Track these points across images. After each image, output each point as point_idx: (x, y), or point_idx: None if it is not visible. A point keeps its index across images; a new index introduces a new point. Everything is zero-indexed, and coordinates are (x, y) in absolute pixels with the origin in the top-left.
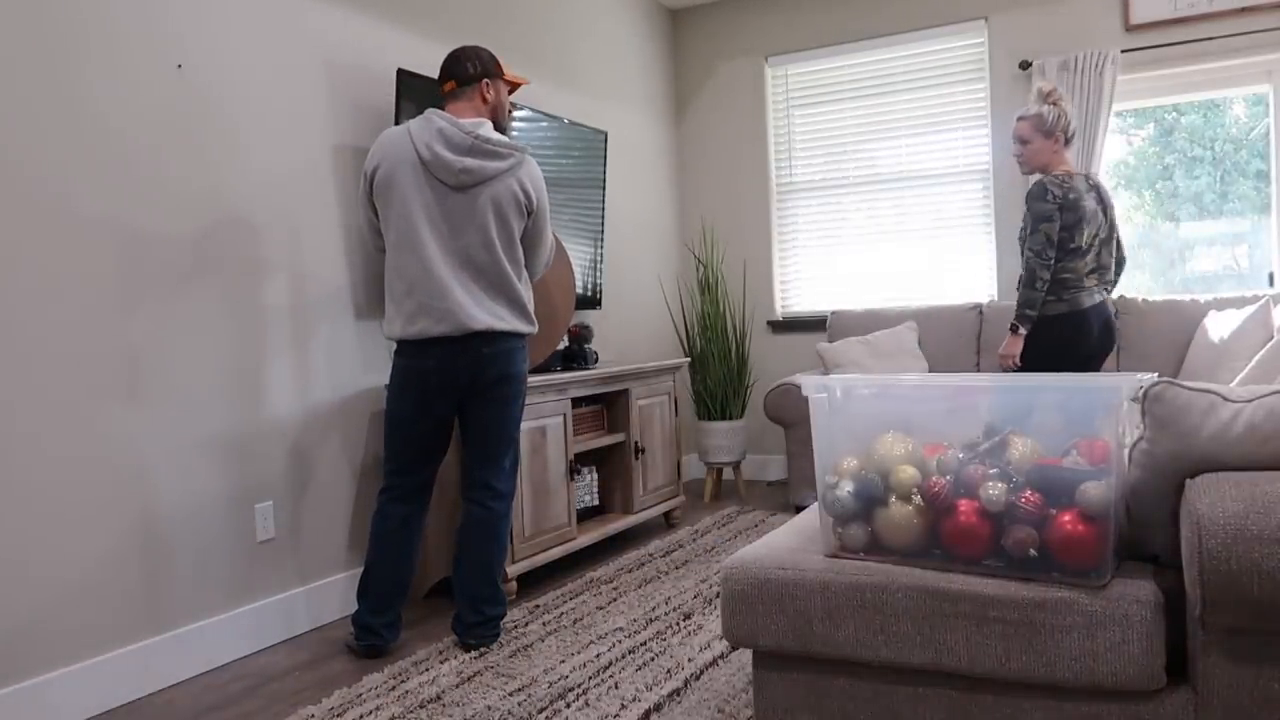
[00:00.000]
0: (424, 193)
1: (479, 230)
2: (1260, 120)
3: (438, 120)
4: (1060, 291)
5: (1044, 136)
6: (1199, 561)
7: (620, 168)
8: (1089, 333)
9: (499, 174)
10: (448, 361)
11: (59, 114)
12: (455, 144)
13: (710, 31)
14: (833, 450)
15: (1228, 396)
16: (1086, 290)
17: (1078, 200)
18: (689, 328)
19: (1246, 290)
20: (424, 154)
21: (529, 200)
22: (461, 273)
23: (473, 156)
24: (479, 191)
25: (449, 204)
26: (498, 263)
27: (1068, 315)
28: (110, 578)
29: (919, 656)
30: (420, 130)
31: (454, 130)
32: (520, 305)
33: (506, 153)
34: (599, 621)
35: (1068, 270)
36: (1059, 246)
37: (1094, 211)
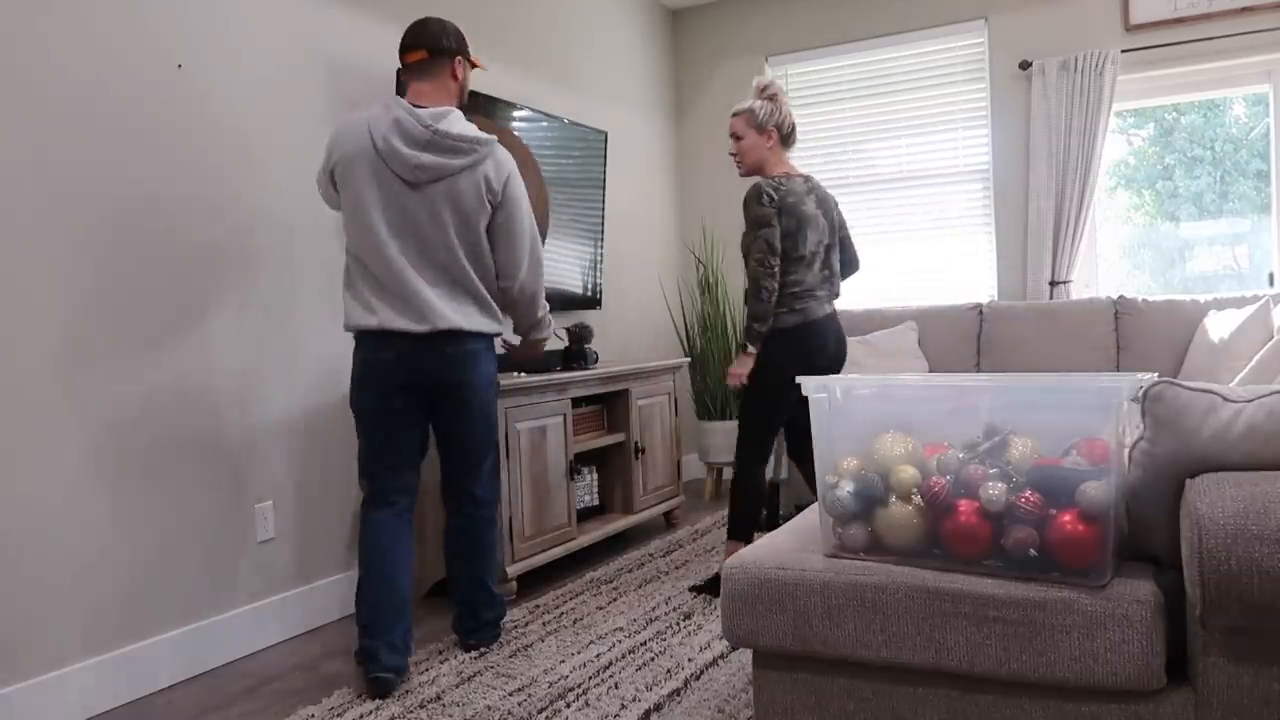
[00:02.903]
0: (381, 188)
1: (438, 230)
2: (1260, 120)
3: (396, 110)
4: (792, 303)
5: (756, 132)
6: (1199, 561)
7: (620, 168)
8: (825, 345)
9: (459, 171)
10: (409, 357)
11: (59, 114)
12: (412, 137)
13: (710, 31)
14: (833, 450)
15: (1228, 396)
16: (817, 300)
17: (796, 204)
18: (689, 328)
19: (1246, 290)
20: (380, 146)
21: (492, 193)
22: (423, 270)
23: (430, 152)
24: (437, 189)
25: (406, 201)
26: (458, 262)
27: (802, 327)
28: (110, 577)
29: (919, 656)
30: (378, 120)
31: (411, 122)
32: (487, 304)
33: (469, 147)
34: (599, 621)
35: (797, 280)
36: (784, 256)
37: (814, 216)
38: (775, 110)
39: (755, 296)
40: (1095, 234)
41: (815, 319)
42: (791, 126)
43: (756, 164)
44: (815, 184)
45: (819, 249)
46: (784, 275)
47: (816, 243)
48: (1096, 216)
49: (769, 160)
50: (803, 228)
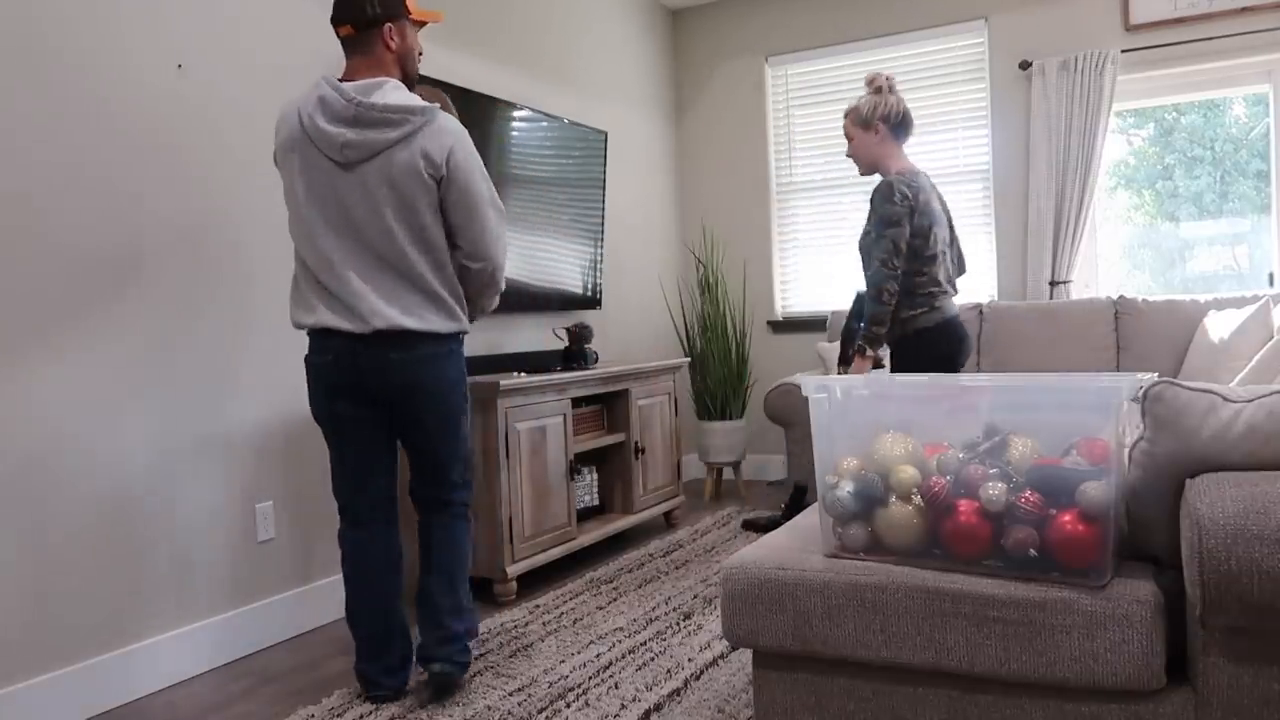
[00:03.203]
0: (310, 172)
1: (374, 215)
2: (1260, 120)
3: (322, 86)
4: (930, 301)
5: (862, 129)
6: (1199, 561)
7: (620, 168)
8: (965, 341)
9: (390, 145)
10: (347, 359)
11: (59, 114)
12: (335, 112)
13: (710, 31)
14: (833, 450)
15: (1228, 396)
16: (949, 296)
17: (927, 202)
18: (689, 328)
19: (1246, 290)
20: (307, 126)
21: (433, 167)
22: (363, 263)
23: (355, 128)
24: (369, 168)
25: (338, 184)
26: (400, 251)
27: (943, 326)
28: (110, 578)
29: (919, 656)
30: (305, 99)
31: (334, 97)
32: (440, 300)
33: (400, 118)
34: (599, 621)
35: (931, 279)
36: (915, 254)
37: (939, 213)
38: (879, 103)
39: (876, 299)
40: (1095, 234)
41: (952, 316)
42: (900, 115)
43: (871, 161)
44: (933, 182)
45: (942, 246)
46: (917, 275)
47: (943, 240)
48: (1096, 216)
49: (883, 155)
50: (933, 225)
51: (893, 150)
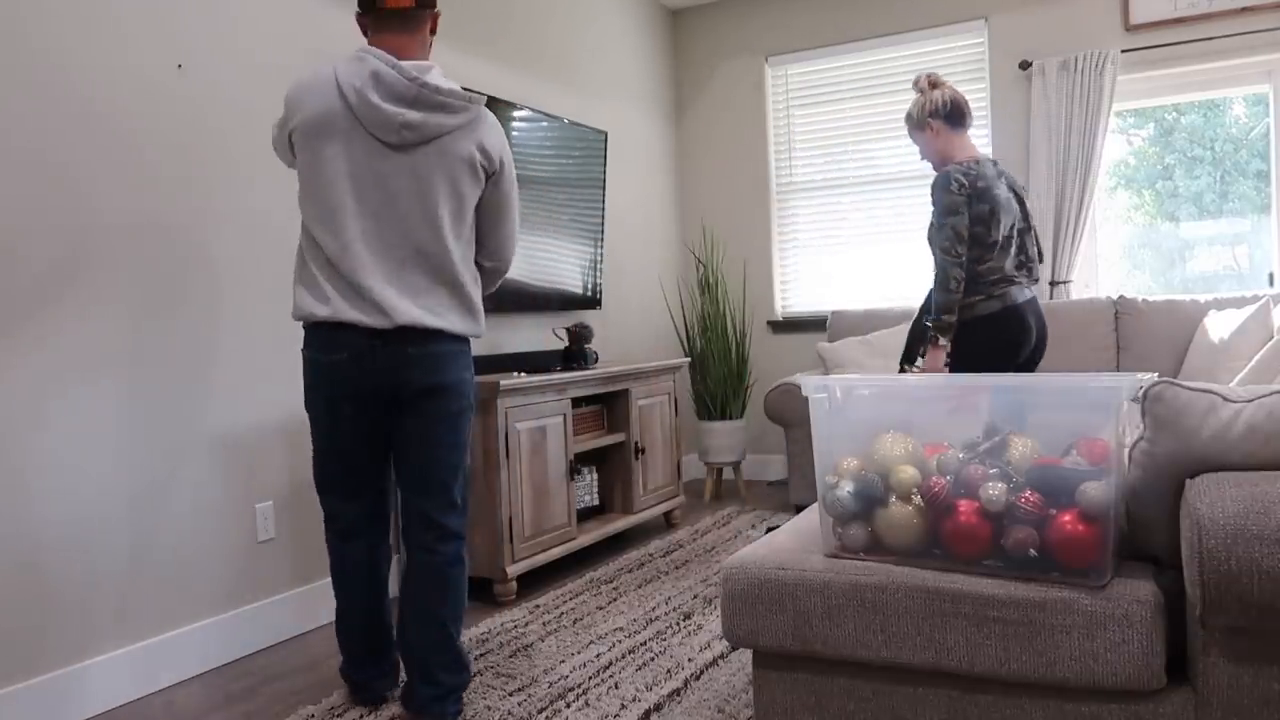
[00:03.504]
0: (353, 152)
1: (421, 201)
2: (1260, 120)
3: (373, 61)
4: (990, 289)
5: (917, 130)
6: (1199, 561)
7: (620, 168)
8: (1028, 331)
9: (451, 131)
10: (365, 357)
11: (59, 113)
12: (396, 92)
13: (710, 31)
14: (833, 450)
15: (1228, 397)
16: (1017, 285)
17: (988, 188)
18: (689, 328)
19: (1246, 290)
20: (354, 102)
21: (489, 162)
22: (392, 254)
23: (418, 109)
24: (424, 152)
25: (384, 167)
26: (442, 243)
27: (1003, 313)
28: (110, 577)
29: (919, 656)
30: (350, 73)
31: (393, 74)
32: (465, 298)
33: (460, 105)
34: (599, 621)
35: (994, 267)
36: (977, 241)
37: (1008, 200)
38: (925, 102)
39: (943, 287)
40: (1095, 234)
41: (1017, 303)
42: (949, 104)
43: (939, 158)
44: (1004, 169)
45: (1013, 234)
46: (979, 263)
47: (1010, 227)
48: (1096, 216)
49: (947, 149)
50: (996, 212)
51: (955, 142)
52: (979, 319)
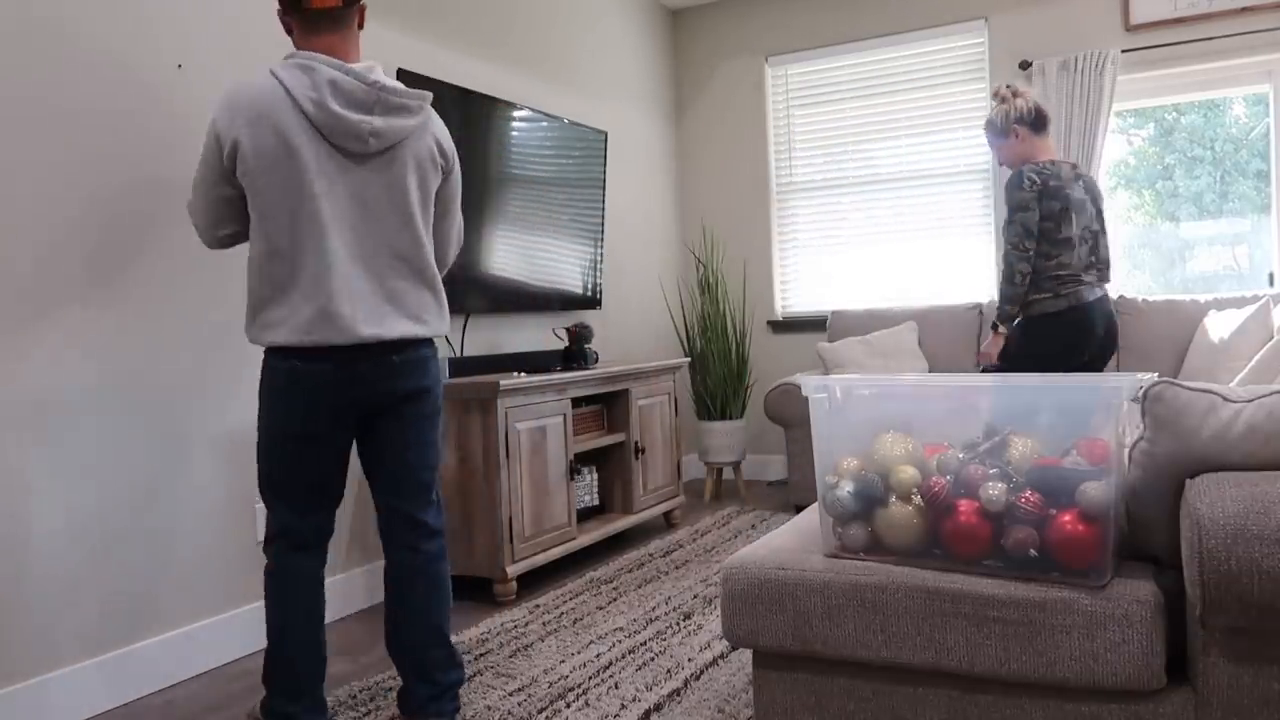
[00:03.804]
0: (320, 165)
1: (396, 207)
2: (1260, 120)
3: (324, 69)
4: (1057, 287)
5: (1001, 136)
6: (1199, 561)
7: (620, 168)
8: (1092, 331)
9: (411, 133)
10: (347, 366)
11: (58, 113)
12: (357, 99)
13: (710, 31)
14: (833, 450)
15: (1228, 397)
16: (1087, 285)
17: (1060, 187)
18: (689, 328)
19: (1246, 290)
20: (313, 113)
21: (445, 159)
22: (374, 265)
23: (379, 114)
24: (391, 157)
25: (354, 177)
26: (420, 245)
27: (1069, 312)
28: (110, 577)
29: (919, 656)
30: (300, 82)
31: (351, 82)
32: (441, 297)
33: (417, 105)
34: (599, 621)
35: (1061, 263)
36: (1045, 238)
37: (1081, 201)
38: (1009, 110)
39: (1008, 280)
40: None
41: (1083, 303)
42: (1032, 112)
43: (1021, 162)
44: (1083, 172)
45: (1085, 233)
46: (1047, 259)
47: (1083, 227)
48: None
49: (1029, 153)
50: (1068, 211)
51: (1037, 146)
52: (1044, 316)
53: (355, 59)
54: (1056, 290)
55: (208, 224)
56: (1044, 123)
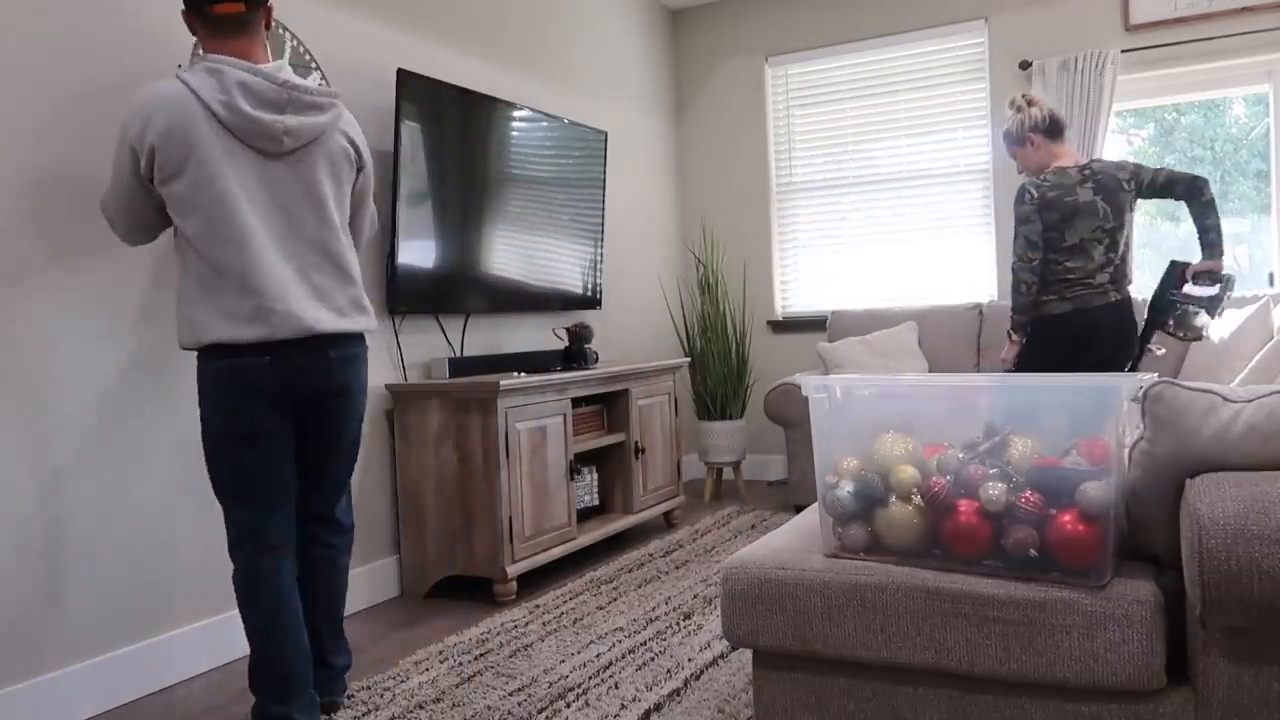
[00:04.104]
0: (236, 168)
1: (314, 204)
2: (1260, 120)
3: (232, 71)
4: (1063, 290)
5: (1019, 145)
6: (1199, 561)
7: (620, 168)
8: (1096, 335)
9: (324, 131)
10: (284, 360)
11: (58, 112)
12: (268, 99)
13: (710, 31)
14: (833, 450)
15: (1228, 396)
16: (1098, 289)
17: (1059, 198)
18: (689, 328)
19: (1246, 290)
20: (224, 116)
21: (358, 155)
22: (299, 263)
23: (293, 113)
24: (306, 155)
25: (271, 177)
26: (339, 241)
27: (1072, 314)
28: (110, 577)
29: (919, 656)
30: (208, 86)
31: (261, 82)
32: (362, 293)
33: (328, 102)
34: (599, 621)
35: (1069, 268)
36: (1051, 246)
37: (1089, 204)
38: (1024, 119)
39: (1015, 290)
40: None
41: (1089, 307)
42: (1048, 120)
43: (1039, 169)
44: (1099, 168)
45: (1097, 236)
46: (1055, 265)
47: (1092, 229)
48: None
49: (1047, 160)
50: (1070, 217)
51: (1054, 152)
52: (1049, 318)
53: (264, 59)
54: (1062, 293)
55: (126, 228)
56: (1059, 129)
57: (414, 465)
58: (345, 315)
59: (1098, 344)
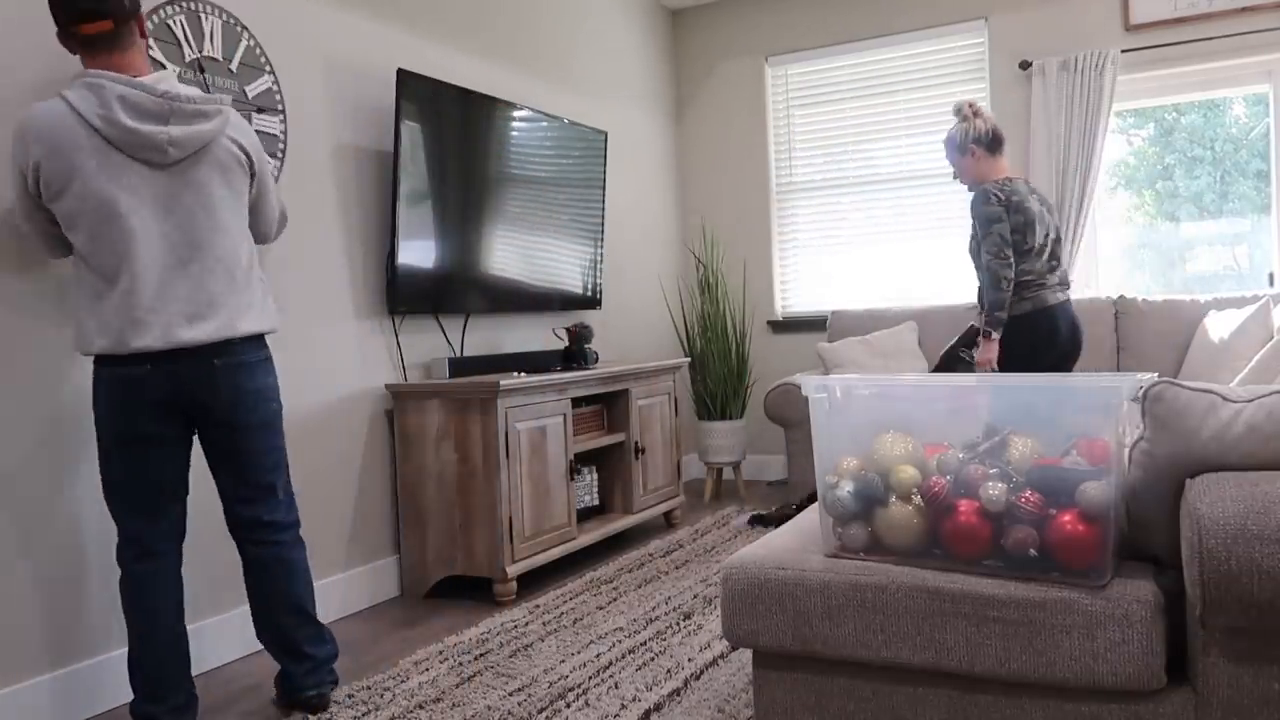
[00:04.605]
0: (122, 178)
1: (206, 210)
2: (1260, 120)
3: (111, 86)
4: (1022, 291)
5: (960, 153)
6: (1199, 561)
7: (620, 168)
8: (1057, 332)
9: (213, 137)
10: (165, 369)
11: None
12: (149, 111)
13: (710, 31)
14: (833, 450)
15: (1228, 396)
16: (1050, 289)
17: (1021, 202)
18: (689, 328)
19: (1246, 290)
20: (105, 130)
21: (249, 159)
22: (188, 270)
23: (178, 123)
24: (195, 163)
25: (160, 186)
26: (235, 246)
27: (1033, 315)
28: (110, 577)
29: (919, 656)
30: (87, 102)
31: (140, 95)
32: (262, 294)
33: (214, 109)
34: (599, 621)
35: (1026, 271)
36: (1014, 249)
37: (1040, 213)
38: (969, 129)
39: (994, 287)
40: (1095, 234)
41: (1047, 305)
42: (990, 134)
43: (976, 179)
44: (1034, 186)
45: (1046, 242)
46: (1015, 266)
47: (1044, 236)
48: (1097, 216)
49: (985, 172)
50: (1030, 223)
51: (992, 165)
52: (1013, 319)
53: (145, 70)
54: (1021, 294)
55: (39, 242)
56: (999, 144)
57: (414, 465)
58: (235, 320)
59: (1055, 343)
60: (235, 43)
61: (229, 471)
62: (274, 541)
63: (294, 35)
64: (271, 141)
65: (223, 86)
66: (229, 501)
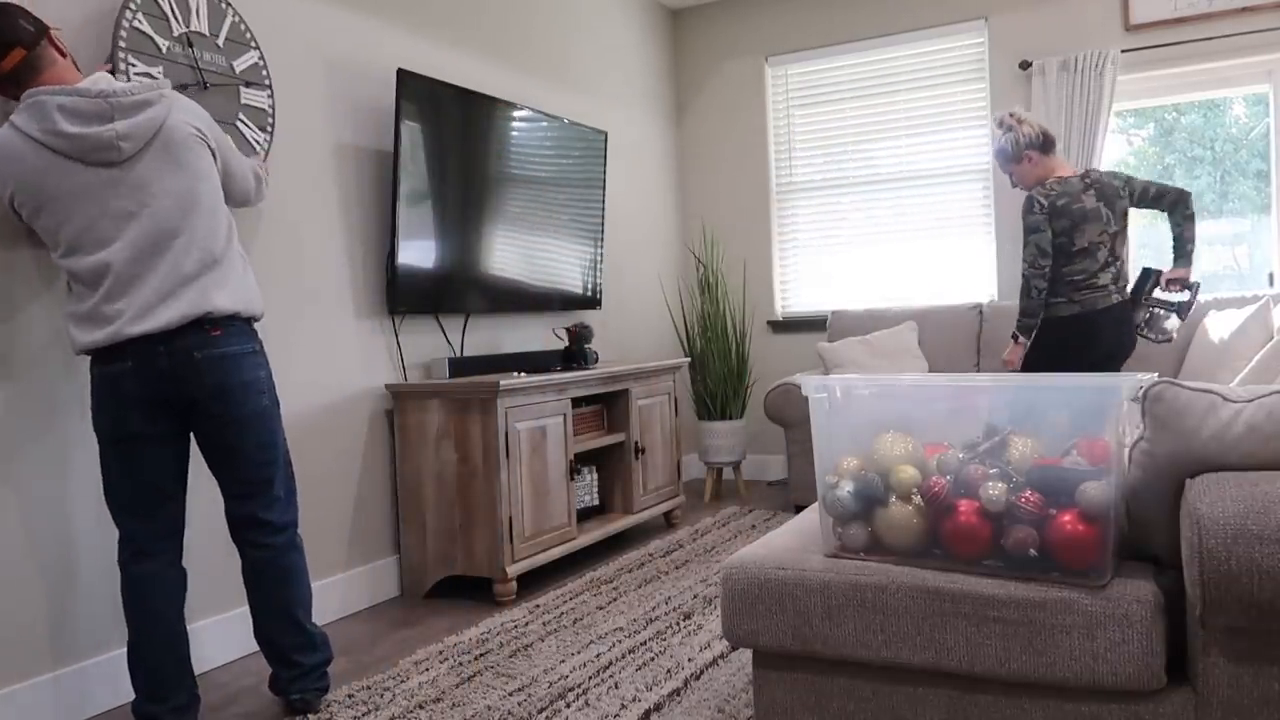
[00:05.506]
0: (82, 185)
1: (175, 197)
2: (1260, 120)
3: (47, 99)
4: (1071, 293)
5: (1015, 163)
6: (1199, 561)
7: (620, 168)
8: (1099, 336)
9: (162, 124)
10: (147, 362)
11: None
12: (89, 114)
13: (710, 31)
14: (833, 450)
15: (1228, 396)
16: (1102, 292)
17: (1068, 205)
18: (689, 328)
19: (1246, 290)
20: (55, 144)
21: (202, 132)
22: (159, 258)
23: (123, 118)
24: (152, 152)
25: (123, 184)
26: (211, 226)
27: (1077, 317)
28: (110, 577)
29: (919, 656)
30: (31, 119)
31: (77, 100)
32: (239, 279)
33: (154, 96)
34: (599, 621)
35: (1077, 272)
36: (1061, 251)
37: (1095, 209)
38: (1018, 137)
39: (1026, 294)
40: None
41: (1095, 310)
42: (1040, 136)
43: (1036, 183)
44: (1097, 176)
45: (1103, 240)
46: (1063, 267)
47: (1098, 233)
48: None
49: (1042, 173)
50: (1078, 224)
51: (1049, 166)
52: (1055, 320)
53: (77, 79)
54: (1071, 296)
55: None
56: (1052, 144)
57: (414, 465)
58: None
59: (1099, 344)
60: (220, 20)
61: (223, 468)
62: (269, 544)
63: (294, 35)
64: (260, 116)
65: (210, 62)
66: (225, 498)
